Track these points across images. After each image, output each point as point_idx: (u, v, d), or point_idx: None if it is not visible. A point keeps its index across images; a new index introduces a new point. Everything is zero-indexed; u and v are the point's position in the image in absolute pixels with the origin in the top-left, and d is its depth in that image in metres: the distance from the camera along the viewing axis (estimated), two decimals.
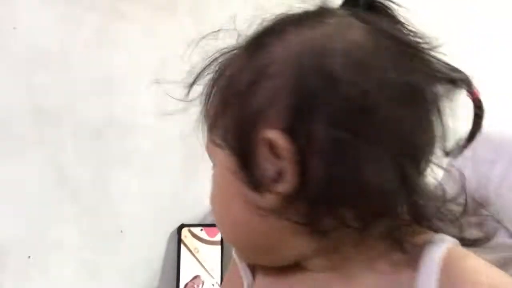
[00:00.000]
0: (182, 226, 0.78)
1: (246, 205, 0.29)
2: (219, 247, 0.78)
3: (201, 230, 0.79)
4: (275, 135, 0.27)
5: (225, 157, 0.30)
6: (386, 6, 0.32)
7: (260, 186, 0.28)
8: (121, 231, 0.75)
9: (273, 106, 0.28)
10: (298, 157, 0.27)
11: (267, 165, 0.28)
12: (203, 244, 0.78)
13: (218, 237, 0.78)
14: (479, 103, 0.31)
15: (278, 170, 0.27)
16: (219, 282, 0.76)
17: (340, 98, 0.27)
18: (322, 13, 0.31)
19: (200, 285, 0.75)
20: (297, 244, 0.29)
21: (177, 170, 0.80)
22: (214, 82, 0.32)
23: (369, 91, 0.27)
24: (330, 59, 0.28)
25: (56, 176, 0.72)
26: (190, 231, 0.78)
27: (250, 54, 0.31)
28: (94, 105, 0.75)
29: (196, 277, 0.76)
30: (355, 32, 0.29)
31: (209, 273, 0.76)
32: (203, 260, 0.77)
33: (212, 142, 0.31)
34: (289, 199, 0.27)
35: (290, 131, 0.27)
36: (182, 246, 0.77)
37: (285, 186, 0.27)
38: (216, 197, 0.32)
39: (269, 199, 0.28)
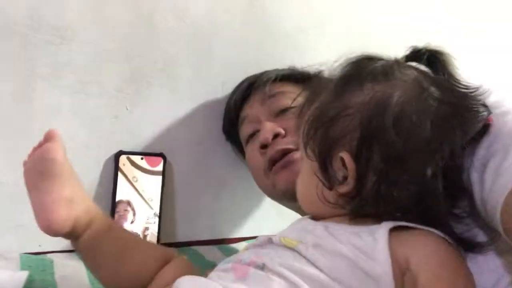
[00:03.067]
0: (120, 153, 0.71)
1: (318, 191, 0.47)
2: (160, 177, 0.73)
3: (142, 158, 0.73)
4: (346, 156, 0.44)
5: (312, 162, 0.47)
6: (444, 62, 0.47)
7: (330, 185, 0.45)
8: None
9: (347, 136, 0.44)
10: (358, 172, 0.44)
11: (338, 172, 0.45)
12: (143, 174, 0.72)
13: (160, 167, 0.73)
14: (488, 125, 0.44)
15: (344, 176, 0.44)
16: (158, 213, 0.72)
17: (386, 144, 0.43)
18: (390, 72, 0.46)
19: (130, 212, 0.71)
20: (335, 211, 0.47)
21: (116, 91, 0.71)
22: (309, 103, 0.49)
23: (407, 143, 0.42)
24: (387, 113, 0.43)
25: None
26: (129, 159, 0.72)
27: (336, 95, 0.47)
28: (15, 2, 0.63)
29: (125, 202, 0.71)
30: (411, 93, 0.44)
31: (147, 203, 0.72)
32: (142, 189, 0.72)
33: (305, 154, 0.48)
34: (345, 197, 0.45)
35: (356, 155, 0.44)
36: (119, 173, 0.71)
37: (345, 188, 0.44)
38: (301, 180, 0.50)
39: (333, 194, 0.45)
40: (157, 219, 0.72)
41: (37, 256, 0.64)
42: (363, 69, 0.47)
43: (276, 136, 0.66)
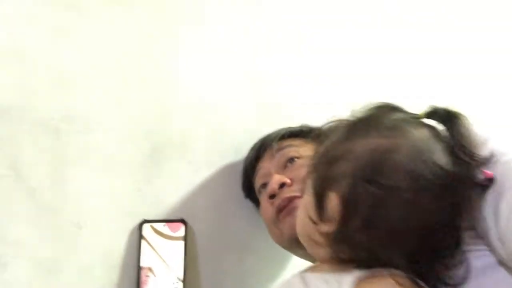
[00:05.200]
0: (143, 221, 0.77)
1: (305, 225, 0.51)
2: (182, 242, 0.77)
3: (164, 225, 0.78)
4: (335, 198, 0.46)
5: (308, 196, 0.50)
6: (459, 125, 0.47)
7: (316, 220, 0.48)
8: (80, 228, 0.74)
9: (341, 179, 0.46)
10: (343, 215, 0.45)
11: (327, 211, 0.46)
12: (166, 240, 0.77)
13: (181, 232, 0.78)
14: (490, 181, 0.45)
15: (331, 216, 0.46)
16: (181, 278, 0.75)
17: (374, 196, 0.44)
18: (399, 127, 0.47)
19: (152, 278, 0.74)
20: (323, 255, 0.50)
21: (139, 165, 0.79)
22: (321, 140, 0.52)
23: (391, 201, 0.44)
24: (380, 168, 0.44)
25: (12, 175, 0.72)
26: (152, 227, 0.77)
27: (343, 139, 0.49)
28: (51, 102, 0.75)
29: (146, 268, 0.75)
30: (411, 153, 0.45)
31: (171, 268, 0.75)
32: (165, 255, 0.76)
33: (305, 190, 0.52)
34: (326, 237, 0.47)
35: (345, 199, 0.45)
36: (143, 241, 0.76)
37: (326, 227, 0.47)
38: (298, 212, 0.53)
39: (316, 231, 0.48)
40: (181, 284, 0.75)
41: None
42: (374, 119, 0.48)
43: (282, 185, 0.70)
